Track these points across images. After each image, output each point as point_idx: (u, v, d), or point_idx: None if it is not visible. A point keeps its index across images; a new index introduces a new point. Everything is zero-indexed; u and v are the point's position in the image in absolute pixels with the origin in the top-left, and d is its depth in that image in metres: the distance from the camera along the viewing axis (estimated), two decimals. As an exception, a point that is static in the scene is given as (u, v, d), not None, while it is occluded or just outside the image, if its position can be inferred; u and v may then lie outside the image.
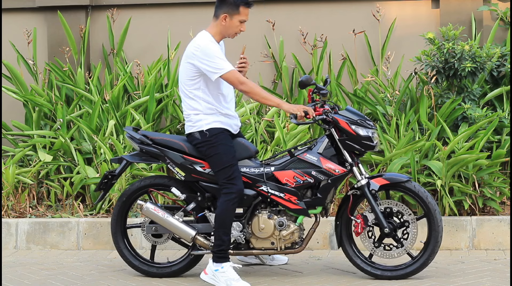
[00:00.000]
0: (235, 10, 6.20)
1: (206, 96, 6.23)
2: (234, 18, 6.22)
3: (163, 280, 6.56)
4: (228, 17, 6.21)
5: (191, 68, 6.21)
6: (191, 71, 6.22)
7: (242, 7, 6.22)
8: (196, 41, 6.22)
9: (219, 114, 6.26)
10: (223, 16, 6.21)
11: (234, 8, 6.20)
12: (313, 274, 6.62)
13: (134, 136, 6.50)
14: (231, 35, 6.30)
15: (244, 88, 6.12)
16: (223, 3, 6.22)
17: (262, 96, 6.16)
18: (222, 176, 6.21)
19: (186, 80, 6.26)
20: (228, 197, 6.18)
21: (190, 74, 6.22)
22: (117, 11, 8.98)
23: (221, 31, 6.26)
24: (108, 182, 6.57)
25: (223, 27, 6.24)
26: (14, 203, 8.02)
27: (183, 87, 6.29)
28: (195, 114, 6.26)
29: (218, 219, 6.21)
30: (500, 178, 7.62)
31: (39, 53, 8.93)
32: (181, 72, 6.30)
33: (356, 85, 8.53)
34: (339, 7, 8.83)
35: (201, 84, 6.22)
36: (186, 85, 6.26)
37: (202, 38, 6.23)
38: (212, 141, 6.22)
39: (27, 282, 6.54)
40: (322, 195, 6.28)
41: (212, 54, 6.13)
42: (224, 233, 6.21)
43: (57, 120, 8.33)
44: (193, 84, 6.23)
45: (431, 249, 6.34)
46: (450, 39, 7.83)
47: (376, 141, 6.30)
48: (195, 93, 6.24)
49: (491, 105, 8.17)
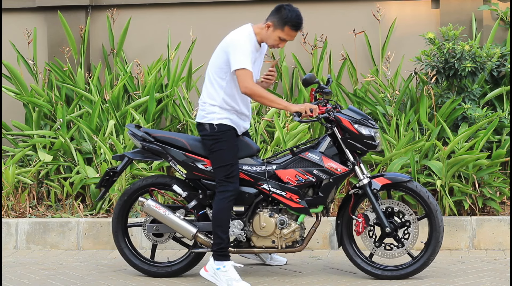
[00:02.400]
0: (280, 25, 6.16)
1: (229, 88, 6.21)
2: (276, 31, 6.18)
3: (164, 279, 6.56)
4: (272, 27, 6.18)
5: (223, 57, 6.18)
6: (223, 60, 6.19)
7: (288, 27, 6.17)
8: (235, 32, 6.22)
9: (233, 111, 6.25)
10: (268, 24, 6.18)
11: (281, 23, 6.16)
12: (313, 274, 6.62)
13: (136, 133, 6.51)
14: (269, 45, 6.29)
15: (247, 91, 6.08)
16: (277, 12, 6.19)
17: (269, 99, 6.13)
18: (221, 173, 6.21)
19: (215, 67, 6.23)
20: (224, 195, 6.19)
21: (221, 63, 6.20)
22: (117, 11, 8.98)
23: (261, 35, 6.23)
24: (109, 180, 6.57)
25: (264, 33, 6.21)
26: (14, 203, 8.02)
27: (210, 73, 6.27)
28: (211, 105, 6.23)
29: (215, 218, 6.21)
30: (500, 178, 7.62)
31: (39, 53, 8.93)
32: (214, 59, 6.26)
33: (356, 85, 8.53)
34: (339, 7, 8.84)
35: (228, 75, 6.19)
36: (214, 71, 6.23)
37: (242, 31, 6.20)
38: (219, 136, 6.22)
39: (27, 282, 6.54)
40: (324, 194, 6.29)
41: (240, 48, 6.09)
42: (222, 231, 6.21)
43: (57, 120, 8.33)
44: (221, 73, 6.20)
45: (432, 249, 6.34)
46: (450, 39, 7.84)
47: (378, 141, 6.30)
48: (219, 81, 6.22)
49: (491, 105, 8.17)
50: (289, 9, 6.17)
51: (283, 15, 6.14)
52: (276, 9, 6.21)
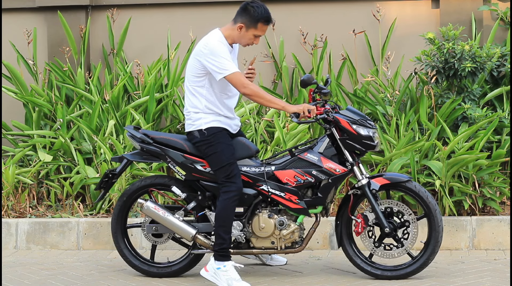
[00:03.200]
0: (253, 24, 6.18)
1: (209, 95, 6.23)
2: (250, 31, 6.20)
3: (163, 280, 6.56)
4: (244, 28, 6.19)
5: (197, 66, 6.20)
6: (197, 69, 6.21)
7: (260, 23, 6.19)
8: (206, 39, 6.21)
9: (218, 115, 6.26)
10: (239, 26, 6.19)
11: (252, 21, 6.17)
12: (313, 274, 6.62)
13: (135, 135, 6.50)
14: (243, 45, 6.31)
15: (247, 91, 6.10)
16: (245, 12, 6.20)
17: (267, 99, 6.14)
18: (221, 174, 6.21)
19: (191, 77, 6.25)
20: (228, 195, 6.18)
21: (196, 71, 6.22)
22: (117, 11, 8.98)
23: (234, 38, 6.24)
24: (108, 181, 6.57)
25: (237, 35, 6.22)
26: (14, 203, 8.02)
27: (188, 83, 6.29)
28: (194, 112, 6.26)
29: (218, 217, 6.21)
30: (500, 178, 7.62)
31: (39, 53, 8.93)
32: (188, 68, 6.29)
33: (356, 85, 8.53)
34: (339, 7, 8.83)
35: (206, 82, 6.21)
36: (191, 81, 6.25)
37: (212, 37, 6.21)
38: (210, 140, 6.23)
39: (27, 282, 6.54)
40: (323, 195, 6.28)
41: (218, 54, 6.10)
42: (225, 232, 6.21)
43: (57, 120, 8.33)
44: (198, 81, 6.22)
45: (432, 249, 6.34)
46: (450, 39, 7.84)
47: (377, 141, 6.30)
48: (198, 90, 6.23)
49: (491, 105, 8.17)
50: (256, 6, 6.18)
51: (253, 13, 6.16)
52: (243, 9, 6.22)
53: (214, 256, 6.25)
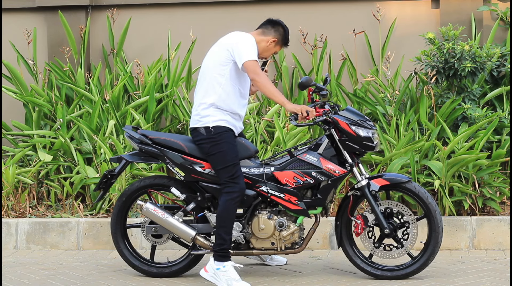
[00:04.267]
0: (281, 43, 6.43)
1: (226, 85, 6.23)
2: (276, 47, 6.43)
3: (163, 280, 6.56)
4: (275, 43, 6.39)
5: (225, 55, 6.23)
6: (224, 57, 6.23)
7: (284, 45, 6.46)
8: (240, 34, 6.29)
9: (227, 112, 6.25)
10: (274, 39, 6.37)
11: (283, 40, 6.41)
12: (313, 274, 6.62)
13: (134, 136, 6.50)
14: (261, 57, 6.42)
15: (256, 78, 6.13)
16: (277, 28, 6.39)
17: (271, 91, 6.16)
18: (225, 174, 6.21)
19: (216, 64, 6.26)
20: (230, 196, 6.18)
21: (222, 60, 6.24)
22: (117, 11, 8.98)
23: (261, 47, 6.35)
24: (107, 182, 6.57)
25: (264, 46, 6.36)
26: (14, 203, 8.02)
27: (208, 71, 6.28)
28: (203, 108, 6.25)
29: (220, 218, 6.21)
30: (500, 178, 7.62)
31: (39, 53, 8.93)
32: (213, 56, 6.29)
33: (356, 85, 8.53)
34: (339, 7, 8.83)
35: (227, 71, 6.23)
36: (214, 68, 6.25)
37: (247, 35, 6.29)
38: (216, 138, 6.23)
39: (27, 282, 6.54)
40: (322, 196, 6.28)
41: (248, 43, 6.20)
42: (226, 232, 6.21)
43: (57, 120, 8.33)
44: (221, 69, 6.23)
45: (431, 250, 6.34)
46: (450, 39, 7.84)
47: (376, 142, 6.30)
48: (218, 79, 6.23)
49: (491, 105, 8.17)
50: (286, 28, 6.43)
51: (285, 34, 6.42)
52: (275, 24, 6.40)
53: (214, 256, 6.25)
